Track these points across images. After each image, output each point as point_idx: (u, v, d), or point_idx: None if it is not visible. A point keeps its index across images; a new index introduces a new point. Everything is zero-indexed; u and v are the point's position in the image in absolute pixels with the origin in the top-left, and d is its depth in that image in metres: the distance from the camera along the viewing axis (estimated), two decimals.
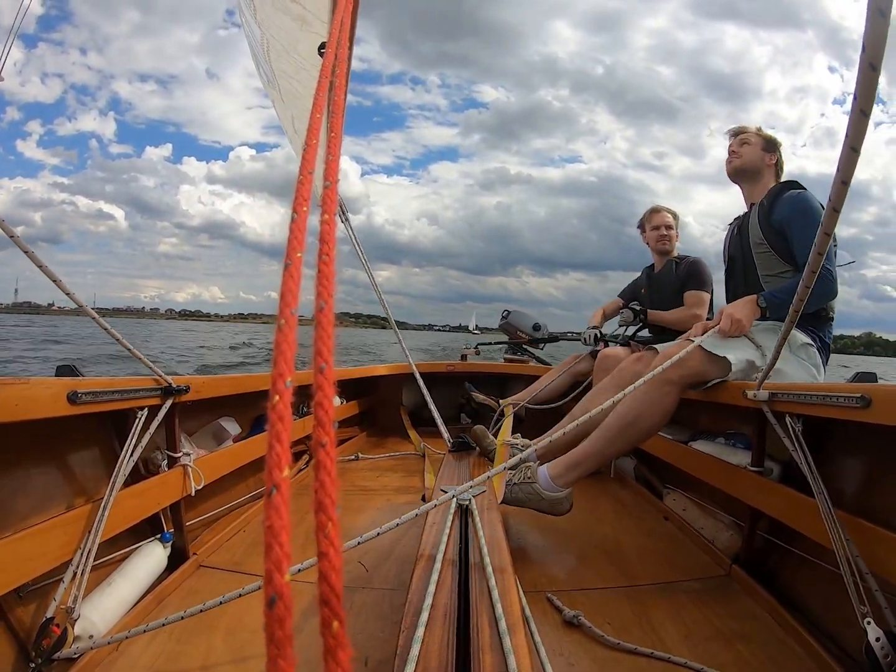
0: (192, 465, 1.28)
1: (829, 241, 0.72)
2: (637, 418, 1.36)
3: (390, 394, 3.04)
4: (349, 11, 0.56)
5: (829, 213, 0.66)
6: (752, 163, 1.72)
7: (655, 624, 1.05)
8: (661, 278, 2.53)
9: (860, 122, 0.51)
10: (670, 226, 2.52)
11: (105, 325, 1.00)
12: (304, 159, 0.34)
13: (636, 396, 1.35)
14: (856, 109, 0.51)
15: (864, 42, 0.47)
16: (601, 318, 2.74)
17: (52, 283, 0.87)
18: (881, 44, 0.47)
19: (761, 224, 1.64)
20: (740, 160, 1.73)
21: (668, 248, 2.53)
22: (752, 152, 1.72)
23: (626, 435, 1.37)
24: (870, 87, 0.49)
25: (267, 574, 0.19)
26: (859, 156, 0.57)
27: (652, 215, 2.57)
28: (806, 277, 0.81)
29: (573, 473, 1.35)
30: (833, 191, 0.63)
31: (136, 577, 1.07)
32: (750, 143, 1.72)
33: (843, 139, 0.57)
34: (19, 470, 0.94)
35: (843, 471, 1.10)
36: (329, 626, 0.19)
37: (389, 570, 1.23)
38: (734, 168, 1.76)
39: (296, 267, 0.27)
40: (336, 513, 0.20)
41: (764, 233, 1.62)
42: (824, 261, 1.38)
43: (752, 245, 1.67)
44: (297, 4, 1.13)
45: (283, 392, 0.22)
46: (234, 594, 0.75)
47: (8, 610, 0.85)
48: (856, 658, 0.90)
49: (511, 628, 0.59)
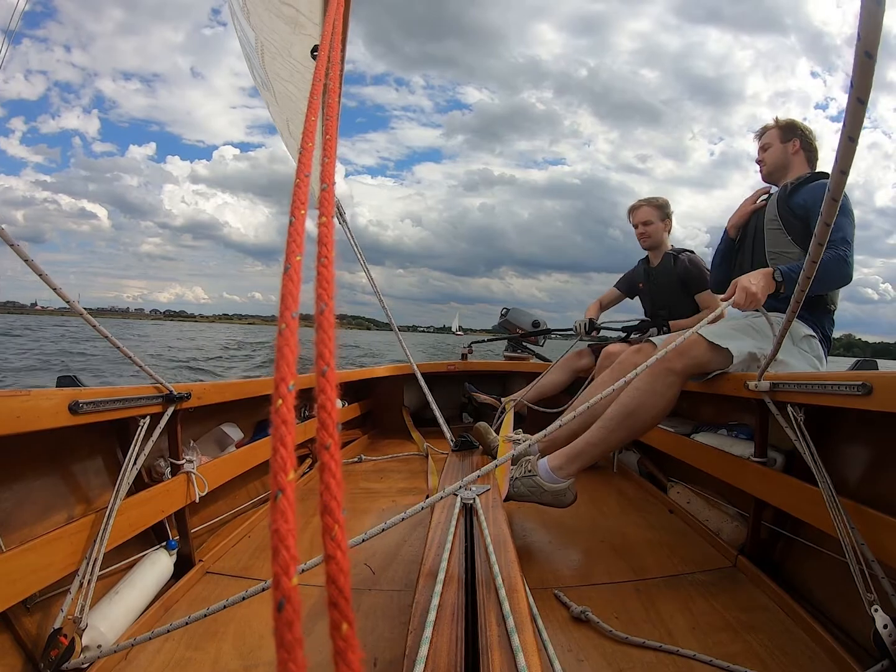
0: (195, 472, 1.28)
1: (829, 231, 0.73)
2: (639, 408, 1.36)
3: (391, 395, 3.04)
4: (340, 14, 0.56)
5: (828, 203, 0.66)
6: (777, 163, 1.76)
7: (663, 617, 1.05)
8: (661, 274, 2.48)
9: (857, 112, 0.51)
10: (647, 222, 2.43)
11: (106, 332, 0.99)
12: (301, 162, 0.34)
13: (638, 387, 1.36)
14: (852, 98, 0.51)
15: (858, 31, 0.47)
16: (597, 310, 2.70)
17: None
18: (876, 31, 0.47)
19: (779, 203, 1.67)
20: (766, 167, 1.79)
21: (649, 244, 2.47)
22: (774, 154, 1.76)
23: (628, 425, 1.37)
24: (866, 74, 0.49)
25: (275, 578, 0.19)
26: (857, 145, 0.57)
27: (631, 213, 2.51)
28: (807, 268, 0.81)
29: (574, 465, 1.35)
30: (832, 181, 0.63)
31: (143, 586, 1.07)
32: (771, 145, 1.76)
33: (841, 130, 0.57)
34: (23, 482, 0.94)
35: (846, 459, 1.10)
36: (338, 629, 0.19)
37: (396, 571, 1.23)
38: (765, 177, 1.81)
39: (295, 270, 0.27)
40: (342, 515, 0.20)
41: (780, 210, 1.66)
42: (842, 245, 1.39)
43: (765, 221, 1.71)
44: (290, 7, 1.13)
45: (286, 396, 0.22)
46: (237, 597, 0.75)
47: (15, 621, 0.85)
48: (864, 645, 0.91)
49: (519, 626, 0.59)
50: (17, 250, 0.81)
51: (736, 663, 0.87)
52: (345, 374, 2.65)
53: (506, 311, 3.73)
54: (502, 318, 3.74)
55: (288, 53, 1.26)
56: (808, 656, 0.93)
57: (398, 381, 2.96)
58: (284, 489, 0.20)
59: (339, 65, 0.48)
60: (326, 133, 0.39)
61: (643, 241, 2.47)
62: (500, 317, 3.76)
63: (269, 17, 1.18)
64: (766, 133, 1.80)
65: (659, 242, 2.46)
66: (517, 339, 3.57)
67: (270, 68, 1.35)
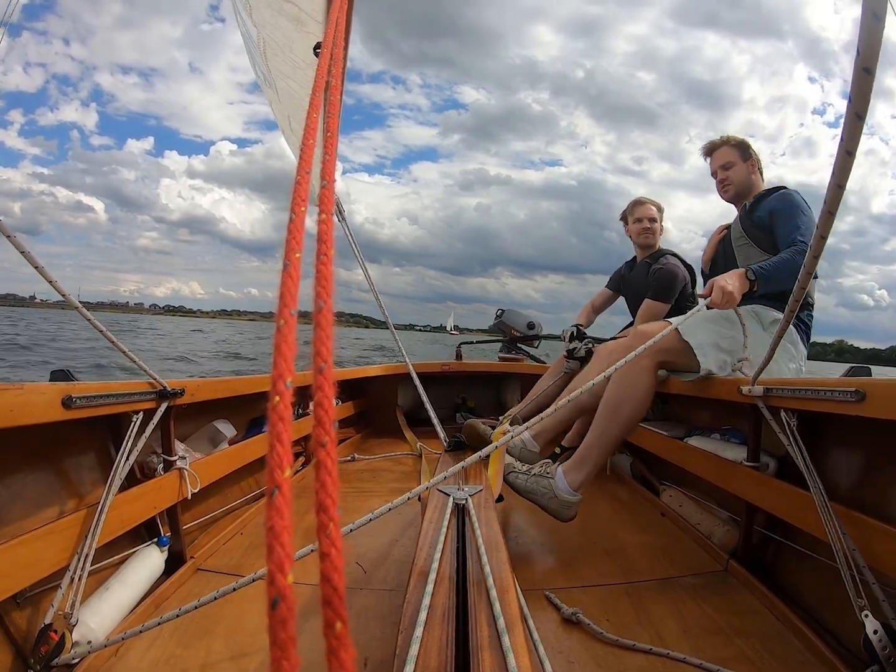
0: (188, 469, 1.27)
1: (824, 244, 0.73)
2: (620, 402, 1.40)
3: (385, 394, 3.04)
4: (344, 11, 0.56)
5: (824, 217, 0.66)
6: (743, 182, 1.77)
7: (654, 620, 1.05)
8: (634, 278, 2.46)
9: (855, 127, 0.52)
10: (654, 218, 2.40)
11: (101, 327, 0.98)
12: (302, 159, 0.34)
13: (616, 380, 1.40)
14: (850, 113, 0.52)
15: (858, 47, 0.48)
16: (589, 313, 2.62)
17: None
18: (875, 47, 0.47)
19: (742, 221, 1.72)
20: (734, 186, 1.78)
21: (650, 242, 2.43)
22: (739, 173, 1.77)
23: (616, 420, 1.40)
24: (864, 90, 0.50)
25: (269, 575, 0.19)
26: (854, 160, 0.57)
27: (635, 207, 2.45)
28: (808, 263, 0.81)
29: (581, 471, 1.37)
30: (829, 194, 0.64)
31: (134, 582, 1.06)
32: (734, 164, 1.77)
33: (839, 144, 0.57)
34: (15, 476, 0.93)
35: (838, 465, 1.11)
36: (332, 627, 0.18)
37: (388, 571, 1.23)
38: (731, 197, 1.80)
39: (294, 267, 0.27)
40: (337, 513, 0.20)
41: (744, 227, 1.70)
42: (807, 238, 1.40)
43: (733, 241, 1.75)
44: (292, 4, 1.12)
45: (283, 393, 0.22)
46: (227, 588, 0.74)
47: (5, 616, 0.84)
48: (854, 651, 0.91)
49: (510, 626, 0.59)
50: (13, 241, 0.80)
51: (726, 667, 0.87)
52: (339, 372, 2.64)
53: (501, 313, 3.73)
54: (497, 319, 3.74)
55: (290, 50, 1.25)
56: (798, 661, 0.93)
57: (392, 380, 2.96)
58: (280, 486, 0.20)
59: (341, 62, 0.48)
60: (328, 130, 0.39)
61: (646, 237, 2.43)
62: (495, 318, 3.76)
63: (271, 14, 1.17)
64: (718, 150, 1.79)
65: (656, 241, 2.47)
66: (511, 341, 3.57)
67: (272, 64, 1.34)
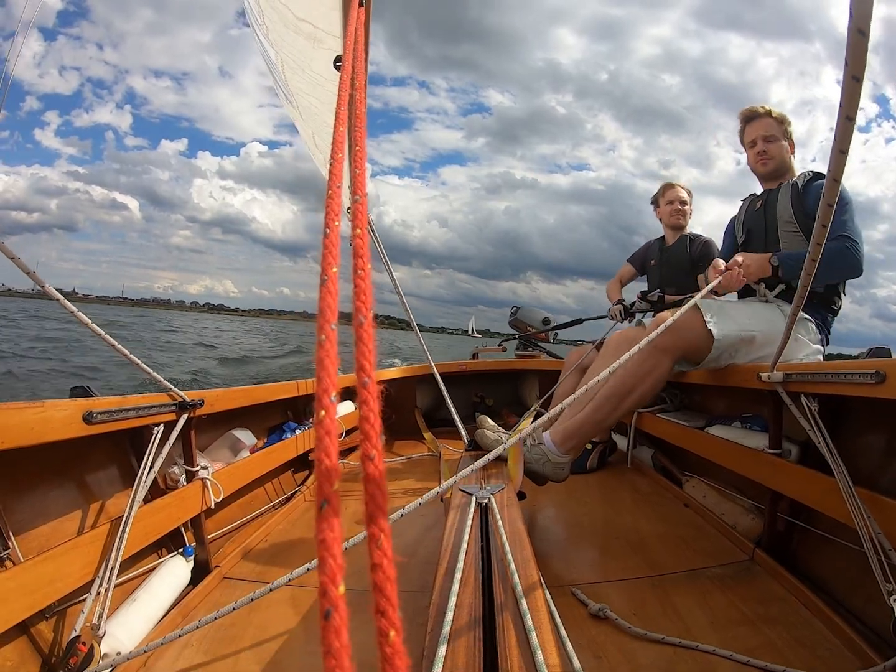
0: (210, 478, 1.29)
1: (831, 212, 0.73)
2: (630, 389, 1.40)
3: (404, 396, 3.04)
4: (362, 22, 0.57)
5: (829, 184, 0.68)
6: (784, 161, 1.69)
7: (682, 612, 1.04)
8: (674, 253, 2.52)
9: (853, 90, 0.56)
10: (685, 201, 2.53)
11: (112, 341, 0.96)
12: (332, 174, 0.35)
13: (631, 370, 1.39)
14: (847, 76, 0.55)
15: (850, 9, 0.51)
16: (618, 289, 2.73)
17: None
18: (868, 8, 0.51)
19: (794, 204, 1.59)
20: (773, 162, 1.68)
21: (682, 224, 2.54)
22: (780, 151, 1.67)
23: (620, 407, 1.41)
24: (860, 52, 0.53)
25: (322, 587, 0.19)
26: (854, 125, 0.60)
27: (667, 190, 2.58)
28: (812, 250, 0.79)
29: (568, 444, 1.39)
30: (832, 161, 0.65)
31: (161, 593, 1.07)
32: (777, 139, 1.66)
33: (838, 109, 0.60)
34: (39, 492, 0.95)
35: (861, 448, 1.10)
36: (386, 636, 0.19)
37: (412, 572, 1.23)
38: (770, 171, 1.70)
39: (332, 281, 0.27)
40: (388, 524, 0.21)
41: (795, 212, 1.58)
42: (852, 235, 1.39)
43: (779, 222, 1.63)
44: (307, 23, 1.14)
45: (328, 407, 0.22)
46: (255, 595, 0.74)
47: (34, 630, 0.85)
48: (883, 636, 0.89)
49: (537, 624, 0.59)
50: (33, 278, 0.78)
51: (756, 657, 0.86)
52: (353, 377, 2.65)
53: (515, 310, 3.72)
54: (512, 316, 3.73)
55: (309, 67, 1.27)
56: (827, 648, 0.91)
57: (410, 382, 2.96)
58: (330, 499, 0.20)
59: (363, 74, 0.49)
60: (355, 144, 0.39)
61: (677, 218, 2.53)
62: (510, 315, 3.75)
63: (287, 34, 1.20)
64: (761, 119, 1.67)
65: (686, 224, 2.56)
66: (527, 337, 3.56)
67: (293, 83, 1.37)
